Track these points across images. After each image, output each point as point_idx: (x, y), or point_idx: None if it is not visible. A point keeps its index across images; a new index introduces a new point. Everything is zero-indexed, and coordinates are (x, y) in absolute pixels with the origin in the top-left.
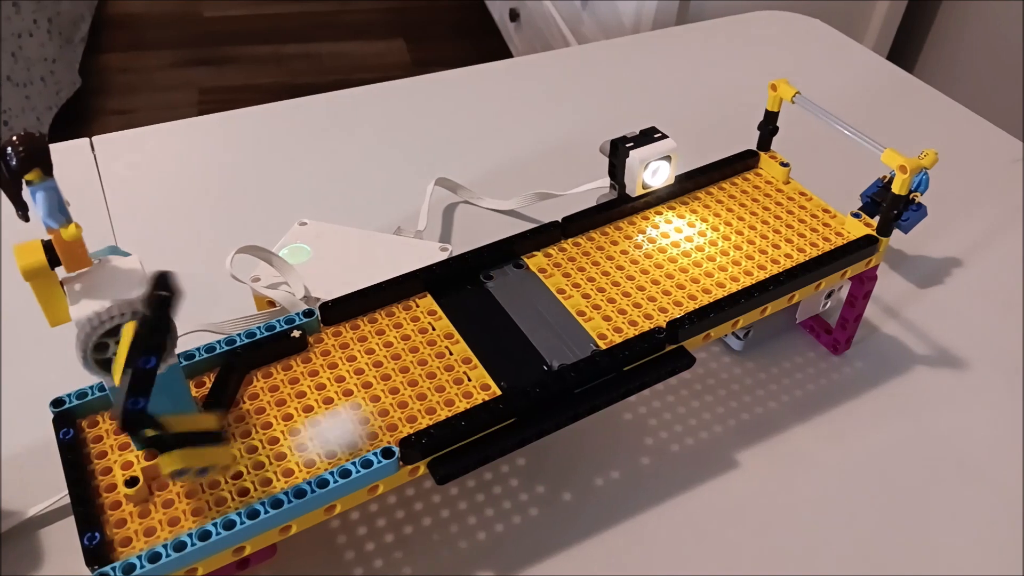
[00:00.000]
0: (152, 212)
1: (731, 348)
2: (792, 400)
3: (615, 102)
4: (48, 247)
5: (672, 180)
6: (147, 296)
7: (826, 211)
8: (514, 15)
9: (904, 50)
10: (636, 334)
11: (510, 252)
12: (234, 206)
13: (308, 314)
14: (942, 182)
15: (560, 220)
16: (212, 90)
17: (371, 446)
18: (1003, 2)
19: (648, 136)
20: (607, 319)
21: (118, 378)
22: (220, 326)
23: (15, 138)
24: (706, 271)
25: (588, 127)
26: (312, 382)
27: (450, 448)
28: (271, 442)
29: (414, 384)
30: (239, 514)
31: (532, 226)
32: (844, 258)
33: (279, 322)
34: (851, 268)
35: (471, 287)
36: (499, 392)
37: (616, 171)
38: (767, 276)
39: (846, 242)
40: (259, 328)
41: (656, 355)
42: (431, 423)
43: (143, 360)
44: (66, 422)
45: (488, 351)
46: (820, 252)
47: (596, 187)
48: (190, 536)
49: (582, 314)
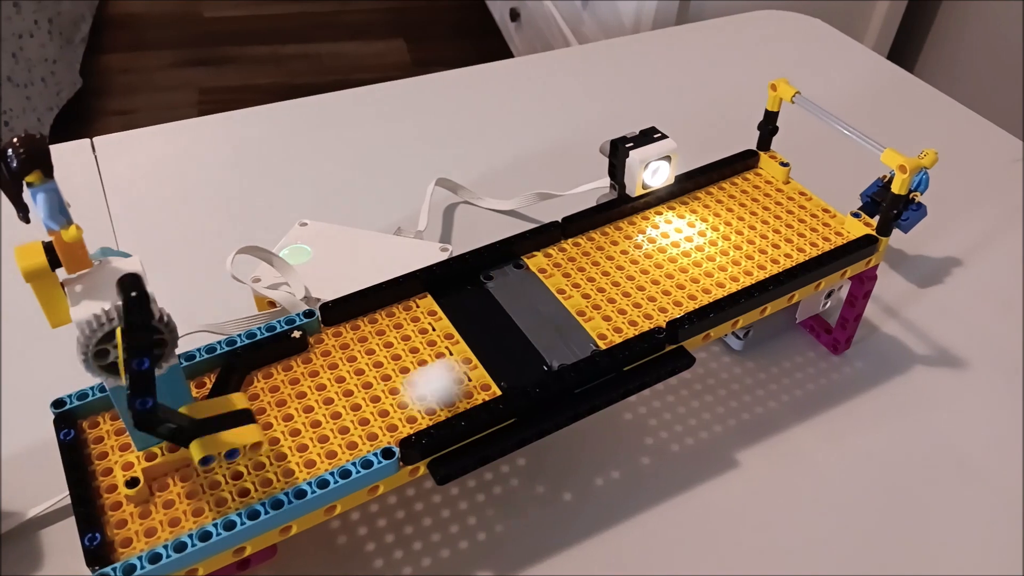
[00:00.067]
0: (153, 213)
1: (731, 348)
2: (792, 400)
3: (615, 102)
4: (49, 248)
5: (672, 180)
6: (120, 303)
7: (826, 211)
8: (514, 15)
9: (904, 50)
10: (636, 334)
11: (510, 252)
12: (234, 207)
13: (308, 314)
14: (942, 182)
15: (560, 220)
16: (212, 90)
17: (371, 446)
18: (1003, 2)
19: (648, 136)
20: (607, 319)
21: (126, 381)
22: (221, 327)
23: (16, 140)
24: (706, 271)
25: (588, 127)
26: (313, 382)
27: (450, 448)
28: (272, 442)
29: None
30: (239, 515)
31: (532, 226)
32: (844, 258)
33: (279, 323)
34: (851, 268)
35: (471, 287)
36: (499, 392)
37: (616, 171)
38: (767, 276)
39: (846, 242)
40: (259, 329)
41: (656, 355)
42: (431, 423)
43: (136, 363)
44: (67, 423)
45: (488, 351)
46: (820, 252)
47: (596, 187)
48: (191, 537)
49: (582, 314)
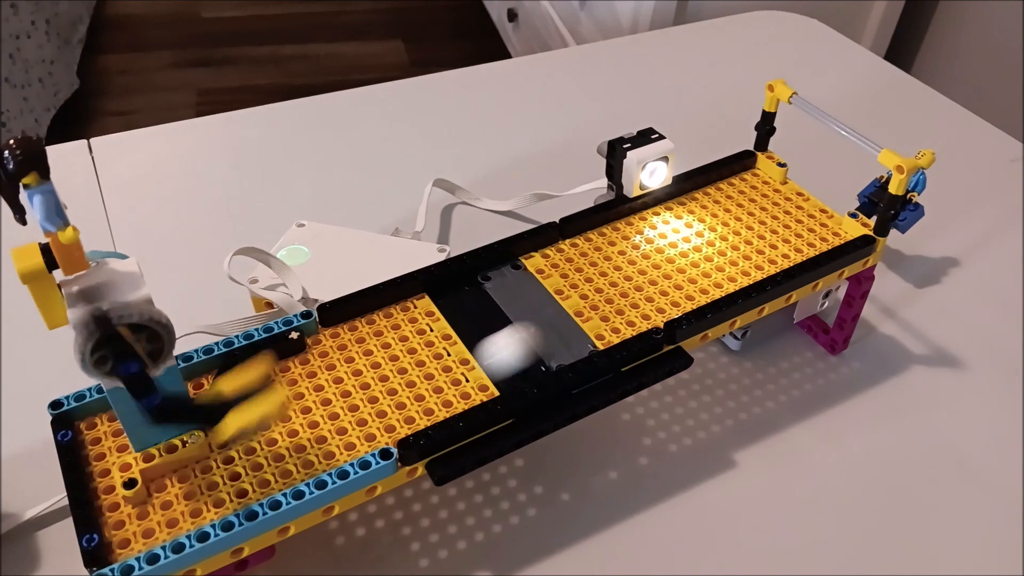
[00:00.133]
0: (150, 214)
1: (729, 348)
2: (790, 400)
3: (613, 102)
4: (46, 250)
5: (669, 181)
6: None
7: (823, 211)
8: (512, 15)
9: (902, 50)
10: (634, 335)
11: (508, 253)
12: (232, 207)
13: (306, 315)
14: (940, 182)
15: (558, 221)
16: (210, 91)
17: (369, 447)
18: (1001, 2)
19: (645, 137)
20: (605, 320)
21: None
22: (218, 328)
23: (12, 142)
24: (703, 271)
25: (586, 128)
26: (310, 383)
27: (448, 449)
28: (269, 443)
29: (412, 385)
30: (237, 515)
31: (530, 227)
32: (841, 258)
33: (277, 324)
34: (848, 268)
35: (469, 288)
36: (497, 393)
37: (614, 172)
38: (764, 276)
39: (843, 242)
40: (257, 330)
41: (654, 356)
42: (429, 424)
43: (123, 368)
44: (64, 424)
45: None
46: (817, 252)
47: (594, 188)
48: (188, 537)
49: (580, 315)
